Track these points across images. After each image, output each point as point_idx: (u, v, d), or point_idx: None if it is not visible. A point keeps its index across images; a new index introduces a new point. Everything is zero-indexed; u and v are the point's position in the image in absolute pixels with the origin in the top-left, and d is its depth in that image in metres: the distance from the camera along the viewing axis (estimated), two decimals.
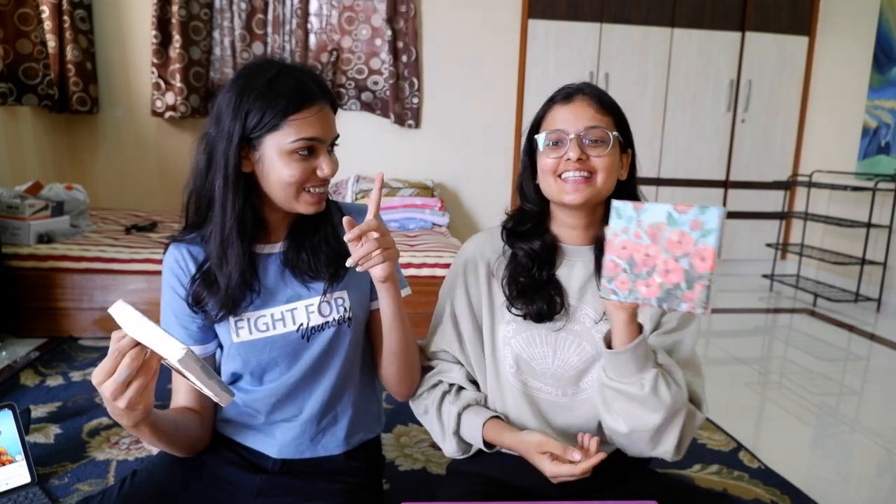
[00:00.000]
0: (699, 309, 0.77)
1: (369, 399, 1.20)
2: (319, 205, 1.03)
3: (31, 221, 2.54)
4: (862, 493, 1.67)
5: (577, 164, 0.99)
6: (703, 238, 0.75)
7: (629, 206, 0.80)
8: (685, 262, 0.77)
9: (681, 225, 0.76)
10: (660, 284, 0.78)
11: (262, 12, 3.70)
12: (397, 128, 3.95)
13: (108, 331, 2.54)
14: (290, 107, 0.98)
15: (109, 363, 0.77)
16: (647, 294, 0.79)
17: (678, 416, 0.93)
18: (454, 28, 3.93)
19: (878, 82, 3.67)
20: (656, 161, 4.20)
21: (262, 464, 1.12)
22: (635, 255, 0.79)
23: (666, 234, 0.77)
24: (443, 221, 3.45)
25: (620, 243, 0.80)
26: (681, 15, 4.04)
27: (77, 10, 3.43)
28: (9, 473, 1.42)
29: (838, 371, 2.66)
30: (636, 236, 0.79)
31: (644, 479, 1.09)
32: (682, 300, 0.77)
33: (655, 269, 0.78)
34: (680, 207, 0.76)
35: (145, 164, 3.81)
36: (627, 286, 0.80)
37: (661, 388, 0.90)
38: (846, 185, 3.67)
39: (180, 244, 1.07)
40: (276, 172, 0.99)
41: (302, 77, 1.01)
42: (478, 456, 1.13)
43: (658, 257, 0.78)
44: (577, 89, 1.05)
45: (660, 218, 0.78)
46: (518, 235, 1.10)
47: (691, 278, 0.76)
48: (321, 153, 1.01)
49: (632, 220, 0.79)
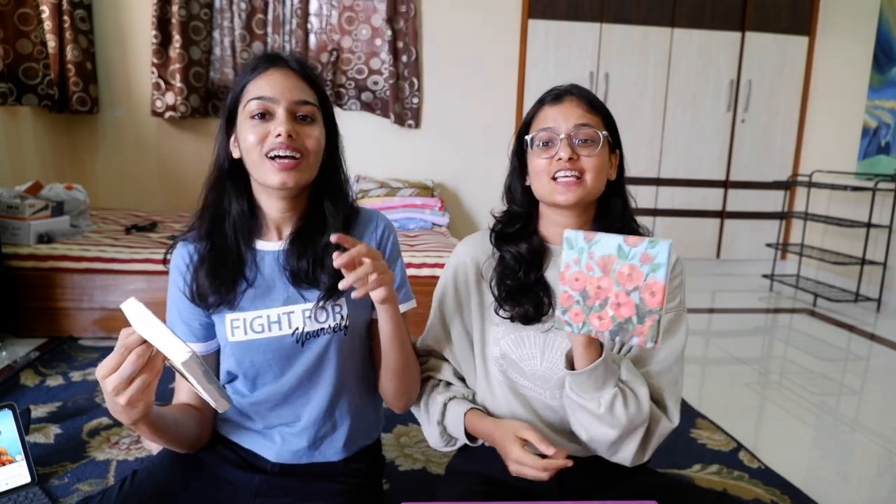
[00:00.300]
0: (650, 343, 0.77)
1: (368, 407, 1.18)
2: (288, 175, 0.97)
3: (31, 221, 2.54)
4: (862, 493, 1.67)
5: (567, 163, 1.00)
6: (653, 272, 0.76)
7: (580, 236, 0.79)
8: (636, 297, 0.77)
9: (631, 258, 0.76)
10: (612, 318, 0.78)
11: (262, 12, 3.70)
12: (397, 128, 3.95)
13: (108, 331, 2.54)
14: (248, 73, 1.01)
15: (115, 358, 0.77)
16: (600, 327, 0.80)
17: (635, 433, 0.97)
18: (454, 28, 3.93)
19: (878, 82, 3.67)
20: (656, 161, 4.20)
21: (261, 465, 1.12)
22: (588, 287, 0.79)
23: (617, 267, 0.77)
24: (443, 221, 3.45)
25: (573, 275, 0.80)
26: (681, 15, 4.04)
27: (77, 10, 3.43)
28: (9, 473, 1.42)
29: (838, 371, 2.66)
30: (588, 268, 0.79)
31: (643, 477, 1.09)
32: (633, 334, 0.78)
33: (608, 302, 0.78)
34: (630, 240, 0.76)
35: (145, 164, 3.81)
36: (581, 318, 0.80)
37: (618, 407, 0.93)
38: (846, 185, 3.67)
39: (185, 242, 1.08)
40: (242, 140, 1.00)
41: (276, 53, 1.03)
42: (477, 455, 1.13)
43: (610, 290, 0.78)
44: (566, 90, 1.07)
45: (611, 250, 0.77)
46: (505, 238, 1.10)
47: (642, 313, 0.77)
48: (277, 114, 0.98)
49: (584, 251, 0.79)
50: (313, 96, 1.02)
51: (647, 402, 0.96)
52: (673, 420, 1.01)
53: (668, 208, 4.26)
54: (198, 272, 1.04)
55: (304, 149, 0.99)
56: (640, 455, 1.00)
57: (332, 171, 1.09)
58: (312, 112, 1.01)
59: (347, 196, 1.11)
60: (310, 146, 1.00)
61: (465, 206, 4.10)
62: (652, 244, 0.75)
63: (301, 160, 0.98)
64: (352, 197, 1.13)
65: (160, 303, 1.12)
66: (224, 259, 1.03)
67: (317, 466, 1.12)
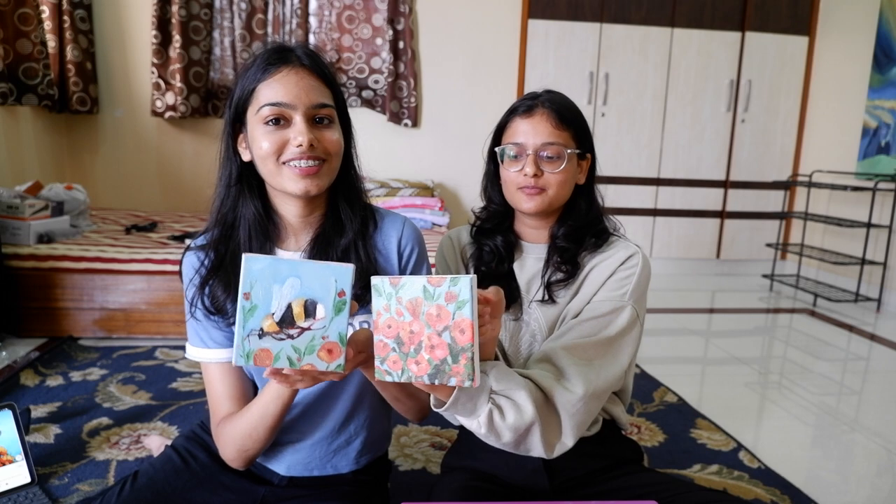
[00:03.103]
0: (467, 382, 0.75)
1: (382, 420, 1.17)
2: (311, 181, 0.93)
3: (31, 221, 2.54)
4: (862, 493, 1.67)
5: (532, 179, 1.07)
6: (459, 310, 0.74)
7: (387, 282, 0.77)
8: (447, 336, 0.75)
9: (437, 299, 0.75)
10: (428, 361, 0.77)
11: (262, 12, 3.70)
12: (398, 128, 3.95)
13: (108, 331, 2.54)
14: (258, 72, 0.93)
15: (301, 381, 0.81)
16: (419, 371, 0.78)
17: (530, 432, 0.94)
18: (454, 28, 3.93)
19: (878, 82, 3.67)
20: (656, 161, 4.20)
21: (268, 477, 1.11)
22: (401, 333, 0.77)
23: (425, 309, 0.76)
24: (443, 221, 3.45)
25: (385, 322, 0.78)
26: (681, 15, 4.04)
27: (77, 10, 3.44)
28: (9, 473, 1.42)
29: (838, 371, 2.66)
30: (398, 313, 0.77)
31: (643, 477, 1.09)
32: (450, 374, 0.76)
33: (422, 346, 0.77)
34: (433, 280, 0.75)
35: (145, 164, 3.81)
36: (399, 365, 0.78)
37: (497, 420, 0.91)
38: (846, 185, 3.67)
39: (195, 251, 1.03)
40: (255, 147, 0.94)
41: (285, 47, 0.95)
42: (470, 451, 1.15)
43: (422, 333, 0.76)
44: (538, 102, 1.11)
45: (417, 293, 0.76)
46: (484, 233, 1.19)
47: (455, 352, 0.75)
48: (295, 121, 0.93)
49: (391, 296, 0.77)
50: (330, 96, 0.98)
51: (527, 402, 0.92)
52: (573, 390, 0.97)
53: (668, 208, 4.26)
54: (212, 280, 1.00)
55: (326, 153, 0.95)
56: (555, 438, 0.97)
57: (346, 169, 1.04)
58: (331, 114, 0.97)
59: (362, 193, 1.07)
60: (331, 150, 0.96)
61: (465, 206, 4.10)
62: (454, 282, 0.74)
63: (323, 165, 0.95)
64: (366, 195, 1.09)
65: (160, 303, 1.12)
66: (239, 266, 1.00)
67: (326, 479, 1.11)
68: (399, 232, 1.07)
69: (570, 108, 1.12)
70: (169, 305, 2.51)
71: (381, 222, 1.07)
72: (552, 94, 1.12)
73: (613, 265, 1.09)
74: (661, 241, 4.29)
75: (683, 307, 3.52)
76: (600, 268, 1.10)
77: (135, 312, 2.53)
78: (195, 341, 1.04)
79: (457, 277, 0.74)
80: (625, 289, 1.07)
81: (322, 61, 0.98)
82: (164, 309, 2.52)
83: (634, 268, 1.09)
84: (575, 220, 1.14)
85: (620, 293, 1.07)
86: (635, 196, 4.21)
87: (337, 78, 1.02)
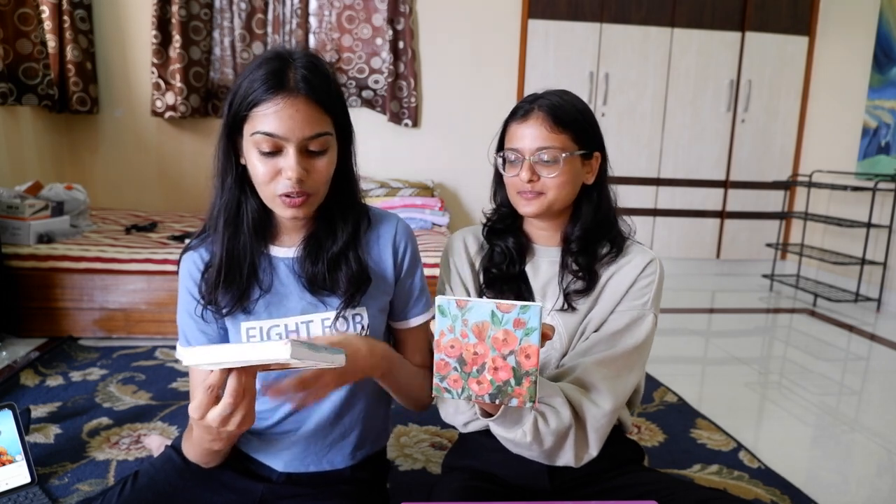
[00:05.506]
0: (528, 403, 0.79)
1: (379, 413, 1.17)
2: (297, 210, 0.95)
3: (31, 221, 2.54)
4: (862, 493, 1.67)
5: (528, 184, 1.07)
6: (527, 336, 0.77)
7: (453, 304, 0.79)
8: (512, 360, 0.78)
9: (505, 324, 0.77)
10: (490, 381, 0.79)
11: (262, 12, 3.70)
12: (398, 128, 3.95)
13: (108, 331, 2.54)
14: (252, 96, 0.92)
15: (205, 398, 0.78)
16: (480, 391, 0.80)
17: (566, 439, 0.99)
18: (454, 28, 3.93)
19: (878, 82, 3.67)
20: (656, 161, 4.20)
21: (267, 474, 1.11)
22: (464, 354, 0.80)
23: (491, 333, 0.78)
24: (443, 221, 3.45)
25: (448, 342, 0.80)
26: (681, 15, 4.04)
27: (77, 10, 3.43)
28: (9, 473, 1.42)
29: (838, 371, 2.66)
30: (462, 335, 0.79)
31: (643, 476, 1.10)
32: (512, 395, 0.79)
33: (485, 367, 0.79)
34: (503, 306, 0.77)
35: (145, 164, 3.81)
36: (460, 384, 0.81)
37: (542, 428, 0.96)
38: (846, 185, 3.67)
39: (193, 251, 1.05)
40: (250, 165, 0.95)
41: (285, 66, 0.93)
42: (470, 450, 1.15)
43: (487, 355, 0.79)
44: (534, 106, 1.09)
45: (484, 317, 0.78)
46: (496, 233, 1.18)
47: (519, 375, 0.78)
48: (287, 153, 0.92)
49: (457, 318, 0.79)
50: (327, 122, 0.96)
51: (563, 407, 0.97)
52: (600, 404, 1.00)
53: (668, 208, 4.26)
54: (211, 275, 1.01)
55: (315, 187, 0.96)
56: (583, 451, 1.02)
57: (342, 178, 1.05)
58: (325, 142, 0.96)
59: (356, 196, 1.08)
60: (320, 181, 0.96)
61: (465, 206, 4.10)
62: (524, 309, 0.76)
63: (310, 197, 0.96)
64: (361, 196, 1.10)
65: (160, 303, 1.12)
66: (239, 261, 1.01)
67: (324, 475, 1.11)
68: (394, 230, 1.11)
69: (569, 108, 1.09)
70: (169, 305, 2.51)
71: (375, 221, 1.11)
72: (551, 96, 1.10)
73: (633, 273, 1.09)
74: (661, 241, 4.29)
75: (683, 307, 3.52)
76: (619, 275, 1.10)
77: (135, 312, 2.53)
78: (185, 342, 1.07)
79: (527, 305, 0.76)
80: (646, 297, 1.09)
81: (321, 84, 0.95)
82: (164, 309, 2.52)
83: (653, 275, 1.10)
84: (583, 223, 1.13)
85: (642, 302, 1.09)
86: (635, 196, 4.21)
87: (338, 91, 1.00)
